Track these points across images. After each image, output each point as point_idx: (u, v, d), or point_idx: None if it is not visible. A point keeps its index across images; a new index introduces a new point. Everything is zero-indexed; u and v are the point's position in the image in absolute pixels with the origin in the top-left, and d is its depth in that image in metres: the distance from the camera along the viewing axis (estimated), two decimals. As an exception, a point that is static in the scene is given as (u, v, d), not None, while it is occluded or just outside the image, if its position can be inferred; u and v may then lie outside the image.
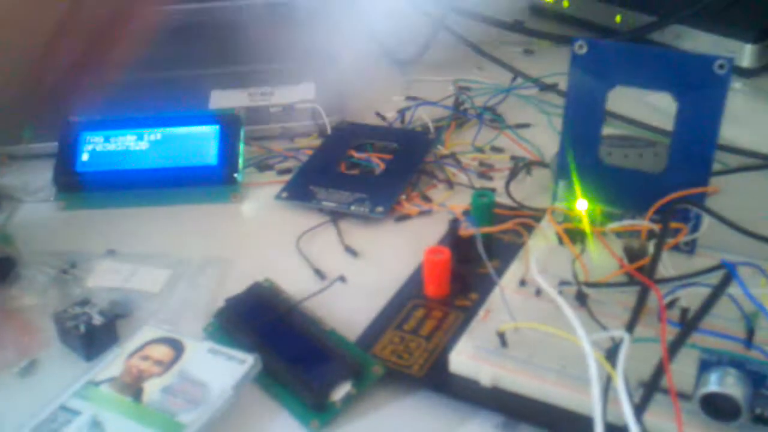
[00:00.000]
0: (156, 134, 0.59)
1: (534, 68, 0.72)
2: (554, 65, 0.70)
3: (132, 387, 0.40)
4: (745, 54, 0.71)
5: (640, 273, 0.41)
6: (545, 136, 0.63)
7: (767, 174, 0.58)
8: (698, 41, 0.73)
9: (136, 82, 0.70)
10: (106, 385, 0.41)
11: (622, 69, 0.46)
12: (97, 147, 0.59)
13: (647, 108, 0.65)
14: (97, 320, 0.44)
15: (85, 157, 0.59)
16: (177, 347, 0.43)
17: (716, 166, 0.49)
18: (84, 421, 0.38)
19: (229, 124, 0.60)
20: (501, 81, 0.71)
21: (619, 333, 0.35)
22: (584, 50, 0.47)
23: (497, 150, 0.62)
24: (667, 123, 0.47)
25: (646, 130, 0.62)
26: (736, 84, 0.70)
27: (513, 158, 0.61)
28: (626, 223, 0.45)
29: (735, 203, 0.48)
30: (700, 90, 0.44)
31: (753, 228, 0.46)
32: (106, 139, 0.59)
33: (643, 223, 0.44)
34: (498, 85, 0.71)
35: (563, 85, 0.67)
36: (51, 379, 0.43)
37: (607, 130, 0.49)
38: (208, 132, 0.59)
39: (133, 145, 0.59)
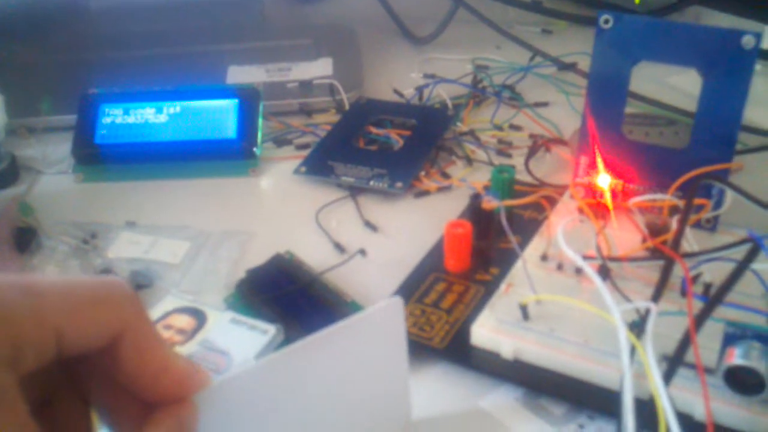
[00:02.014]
0: (175, 107, 0.59)
1: (552, 48, 0.71)
2: (572, 45, 0.70)
3: (155, 355, 0.40)
4: (766, 35, 0.71)
5: (665, 246, 0.41)
6: (564, 115, 0.63)
7: (788, 154, 0.58)
8: (718, 22, 0.73)
9: (154, 57, 0.71)
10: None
11: (647, 44, 0.46)
12: (116, 119, 0.59)
13: (669, 89, 0.64)
14: (119, 289, 0.44)
15: (103, 129, 0.59)
16: (199, 317, 0.43)
17: (737, 146, 0.49)
18: None
19: (249, 98, 0.60)
20: (519, 60, 0.71)
21: (646, 304, 0.35)
22: (610, 25, 0.46)
23: (516, 128, 0.62)
24: (689, 104, 0.47)
25: (667, 110, 0.62)
26: (758, 66, 0.69)
27: (532, 136, 0.60)
28: (649, 198, 0.45)
29: (755, 182, 0.48)
30: (726, 65, 0.44)
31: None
32: (125, 112, 0.59)
33: (667, 198, 0.44)
34: (516, 63, 0.70)
35: (582, 64, 0.67)
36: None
37: (628, 110, 0.49)
38: (228, 106, 0.59)
39: (152, 117, 0.59)
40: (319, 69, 0.68)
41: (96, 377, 0.28)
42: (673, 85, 0.65)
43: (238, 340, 0.41)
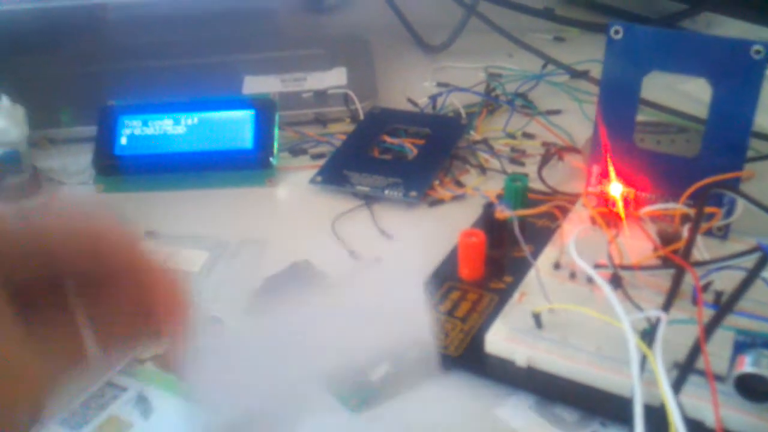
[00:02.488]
0: (193, 118, 0.60)
1: (565, 55, 0.72)
2: (585, 52, 0.70)
3: (176, 364, 0.41)
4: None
5: (676, 255, 0.41)
6: (577, 123, 0.63)
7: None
8: (730, 29, 0.73)
9: (171, 68, 0.72)
10: (151, 362, 0.42)
11: (657, 54, 0.47)
12: (135, 131, 0.60)
13: (680, 96, 0.65)
14: (140, 299, 0.45)
15: (123, 140, 0.60)
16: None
17: (748, 153, 0.49)
18: (131, 397, 0.40)
19: (265, 109, 0.61)
20: (532, 68, 0.72)
21: (656, 313, 0.35)
22: (620, 35, 0.47)
23: (529, 136, 0.63)
24: (700, 111, 0.48)
25: (678, 117, 0.62)
26: (768, 71, 0.70)
27: (545, 144, 0.61)
28: (661, 207, 0.46)
29: (767, 190, 0.48)
30: (736, 75, 0.45)
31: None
32: (144, 123, 0.60)
33: (678, 207, 0.45)
34: (529, 71, 0.71)
35: (594, 72, 0.68)
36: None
37: (639, 117, 0.49)
38: (244, 116, 0.60)
39: (170, 129, 0.60)
40: (334, 79, 0.69)
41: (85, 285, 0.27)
42: (684, 92, 0.65)
43: (256, 349, 0.42)
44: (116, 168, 0.59)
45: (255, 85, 0.69)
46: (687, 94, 0.65)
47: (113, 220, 0.28)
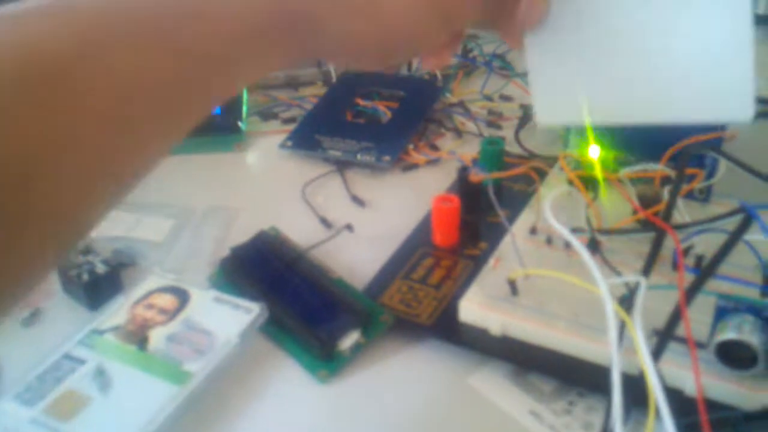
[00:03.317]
0: (157, 82, 0.58)
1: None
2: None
3: (137, 335, 0.40)
4: (761, 1, 0.70)
5: (656, 218, 0.40)
6: (555, 84, 0.62)
7: (782, 122, 0.57)
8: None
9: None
10: (111, 333, 0.40)
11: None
12: (97, 95, 0.58)
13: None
14: (101, 269, 0.44)
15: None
16: (182, 296, 0.42)
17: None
18: (89, 369, 0.38)
19: (232, 72, 0.58)
20: (510, 28, 0.70)
21: (635, 278, 0.34)
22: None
23: (506, 98, 0.61)
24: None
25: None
26: (751, 31, 0.68)
27: (522, 107, 0.59)
28: (640, 168, 0.44)
29: (750, 151, 0.47)
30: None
31: (769, 175, 0.45)
32: (107, 87, 0.58)
33: (658, 168, 0.43)
34: (507, 32, 0.69)
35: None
36: (54, 328, 0.43)
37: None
38: (211, 80, 0.58)
39: (134, 93, 0.58)
40: (306, 41, 0.66)
41: None
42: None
43: (221, 319, 0.40)
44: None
45: (224, 47, 0.66)
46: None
47: None
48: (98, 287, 0.43)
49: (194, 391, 0.37)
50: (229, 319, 0.40)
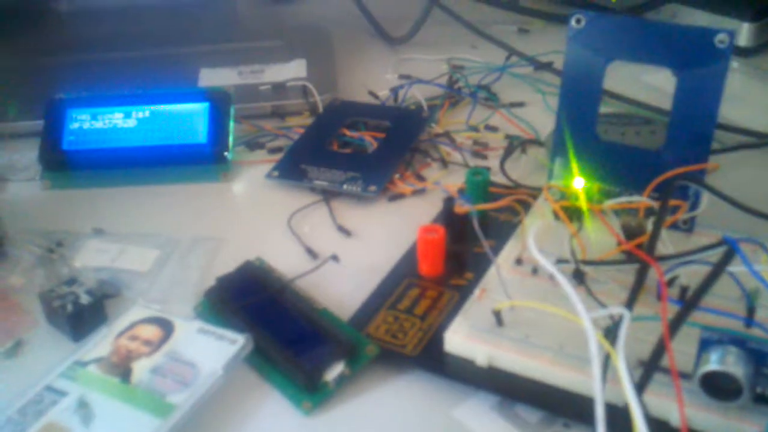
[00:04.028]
0: (144, 111, 0.58)
1: (529, 47, 0.71)
2: (549, 44, 0.69)
3: (120, 367, 0.39)
4: (743, 33, 0.71)
5: (640, 250, 0.40)
6: (540, 115, 0.62)
7: (764, 152, 0.57)
8: (694, 20, 0.72)
9: (125, 61, 0.70)
10: (94, 365, 0.40)
11: (620, 43, 0.46)
12: (83, 125, 0.58)
13: (644, 87, 0.64)
14: (85, 300, 0.43)
15: (71, 135, 0.57)
16: (166, 327, 0.42)
17: (713, 145, 0.48)
18: (70, 402, 0.37)
19: (219, 102, 0.58)
20: (495, 60, 0.70)
21: (619, 310, 0.34)
22: (582, 24, 0.46)
23: (492, 129, 0.61)
24: (664, 102, 0.46)
25: (643, 109, 0.61)
26: (734, 63, 0.69)
27: (508, 137, 0.60)
28: (624, 200, 0.44)
29: (732, 182, 0.47)
30: (700, 65, 0.44)
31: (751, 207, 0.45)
32: (93, 117, 0.58)
33: (642, 200, 0.44)
34: (492, 63, 0.70)
35: (558, 63, 0.66)
36: (37, 359, 0.42)
37: (603, 109, 0.48)
38: (198, 109, 0.58)
39: (120, 122, 0.58)
40: (293, 71, 0.67)
41: None
42: (648, 83, 0.64)
43: (205, 351, 0.40)
44: (63, 163, 0.57)
45: (211, 77, 0.67)
46: (652, 85, 0.64)
47: None
48: (82, 318, 0.43)
49: (177, 424, 0.36)
50: (213, 350, 0.40)
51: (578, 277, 0.41)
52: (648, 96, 0.62)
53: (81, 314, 0.43)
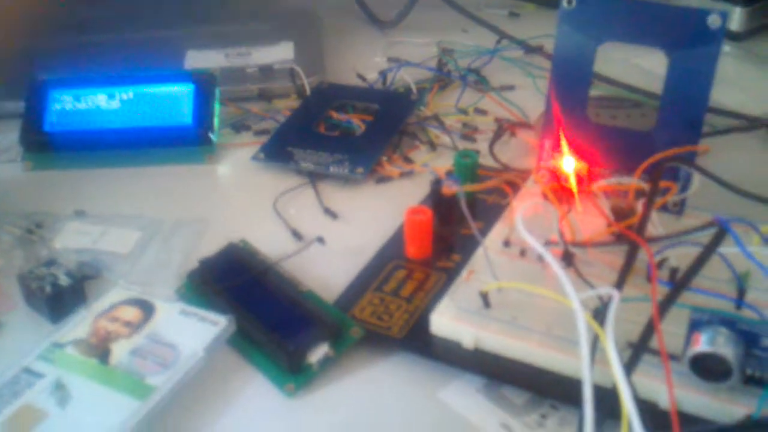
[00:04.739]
0: (128, 93, 0.57)
1: (519, 30, 0.70)
2: (540, 28, 0.68)
3: (99, 349, 0.38)
4: (735, 17, 0.70)
5: (630, 230, 0.39)
6: (530, 99, 0.61)
7: (755, 136, 0.57)
8: (687, 3, 0.72)
9: (110, 43, 0.69)
10: (72, 347, 0.39)
11: (611, 24, 0.45)
12: (66, 106, 0.57)
13: (635, 70, 0.63)
14: (64, 281, 0.42)
15: (53, 116, 0.56)
16: (147, 309, 0.41)
17: (704, 128, 0.48)
18: (47, 384, 0.37)
19: (204, 84, 0.58)
20: (486, 43, 0.70)
21: (608, 290, 0.33)
22: (573, 5, 0.45)
23: (481, 112, 0.60)
24: (656, 86, 0.46)
25: (634, 92, 0.60)
26: (725, 47, 0.69)
27: (497, 120, 0.59)
28: (614, 181, 0.44)
29: (722, 165, 0.47)
30: (692, 46, 0.43)
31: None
32: (76, 98, 0.57)
33: (632, 181, 0.43)
34: (482, 47, 0.69)
35: (549, 47, 0.66)
36: (15, 341, 0.41)
37: (594, 92, 0.47)
38: (183, 91, 0.57)
39: (103, 104, 0.57)
40: (280, 53, 0.66)
41: None
42: (639, 66, 0.64)
43: (187, 332, 0.39)
44: (45, 145, 0.56)
45: (198, 59, 0.66)
46: (642, 68, 0.63)
47: None
48: (61, 300, 0.42)
49: (157, 406, 0.36)
50: (195, 332, 0.39)
51: (567, 260, 0.41)
52: (639, 80, 0.61)
53: (60, 296, 0.42)
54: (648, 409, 0.32)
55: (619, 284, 0.36)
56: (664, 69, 0.44)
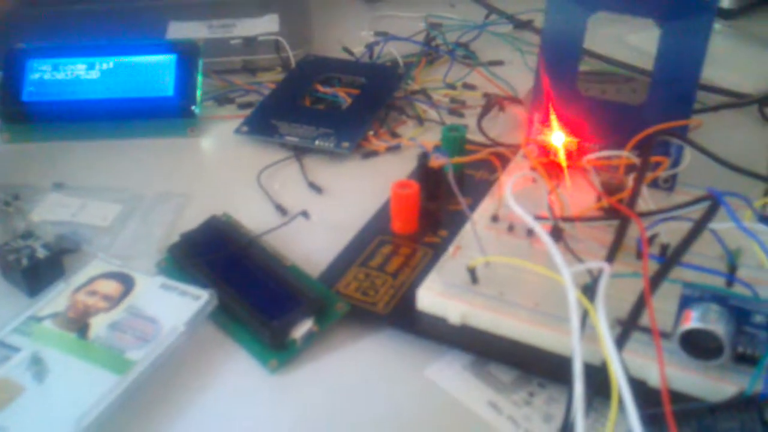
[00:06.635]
0: (108, 63, 0.56)
1: (508, 5, 0.69)
2: (529, 2, 0.67)
3: (77, 322, 0.37)
4: (726, -6, 0.69)
5: (620, 204, 0.38)
6: (519, 74, 0.61)
7: (745, 113, 0.56)
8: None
9: (91, 12, 0.67)
10: (49, 320, 0.38)
11: (603, -7, 0.44)
12: (44, 75, 0.55)
13: (627, 48, 0.62)
14: (41, 254, 0.41)
15: (31, 86, 0.55)
16: (127, 282, 0.40)
17: (695, 105, 0.47)
18: (24, 358, 0.36)
19: (187, 54, 0.56)
20: (474, 18, 0.69)
21: (599, 264, 0.33)
22: (564, -26, 0.44)
23: (469, 87, 0.60)
24: (648, 63, 0.45)
25: (625, 69, 0.60)
26: (716, 25, 0.68)
27: (485, 95, 0.58)
28: (604, 155, 0.43)
29: (713, 141, 0.46)
30: (685, 16, 0.42)
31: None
32: (55, 68, 0.56)
33: (623, 155, 0.42)
34: (471, 21, 0.68)
35: (538, 22, 0.65)
36: (-10, 315, 0.40)
37: (585, 67, 0.47)
38: (165, 61, 0.56)
39: (83, 74, 0.55)
40: (265, 25, 0.64)
41: None
42: (631, 44, 0.63)
43: (167, 306, 0.38)
44: (23, 115, 0.55)
45: (180, 31, 0.64)
46: (634, 45, 0.62)
47: None
48: (38, 273, 0.41)
49: (137, 381, 0.35)
50: (176, 306, 0.38)
51: (556, 235, 0.40)
52: (631, 56, 0.61)
53: (36, 269, 0.41)
54: (638, 387, 0.31)
55: (610, 258, 0.36)
56: (654, 47, 0.43)
